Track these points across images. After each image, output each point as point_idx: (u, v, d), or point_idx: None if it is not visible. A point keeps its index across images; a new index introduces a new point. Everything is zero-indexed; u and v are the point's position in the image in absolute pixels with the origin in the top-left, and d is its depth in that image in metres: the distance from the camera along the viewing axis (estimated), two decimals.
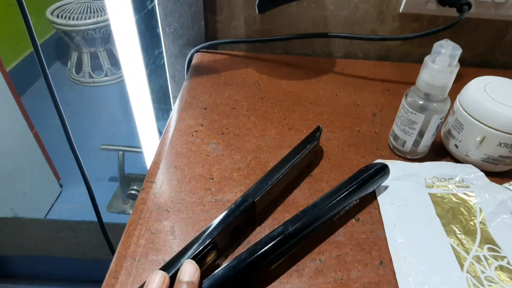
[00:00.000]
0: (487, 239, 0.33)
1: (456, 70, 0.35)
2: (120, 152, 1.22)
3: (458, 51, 0.34)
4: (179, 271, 0.27)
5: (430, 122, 0.37)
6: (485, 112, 0.37)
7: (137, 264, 0.31)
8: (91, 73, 1.84)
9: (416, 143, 0.40)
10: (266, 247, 0.29)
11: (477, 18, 0.55)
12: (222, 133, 0.43)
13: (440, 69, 0.34)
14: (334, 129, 0.45)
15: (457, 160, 0.41)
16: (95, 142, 1.52)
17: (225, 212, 0.31)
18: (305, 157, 0.38)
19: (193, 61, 0.56)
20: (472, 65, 0.61)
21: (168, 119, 0.46)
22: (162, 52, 0.57)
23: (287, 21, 0.57)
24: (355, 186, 0.34)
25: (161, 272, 0.27)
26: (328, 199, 0.32)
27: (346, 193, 0.33)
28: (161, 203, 0.35)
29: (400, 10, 0.55)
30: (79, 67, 1.85)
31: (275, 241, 0.29)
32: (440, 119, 0.38)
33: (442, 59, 0.34)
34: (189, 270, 0.27)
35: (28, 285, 1.14)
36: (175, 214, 0.34)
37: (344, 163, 0.40)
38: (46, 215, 1.29)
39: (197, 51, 0.58)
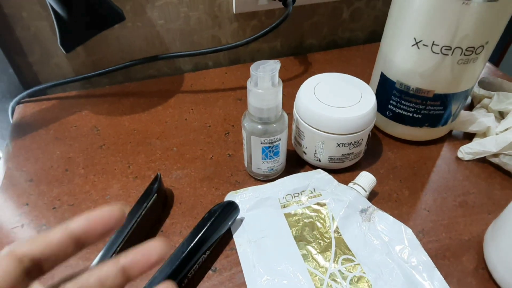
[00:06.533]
0: (342, 248, 0.33)
1: (280, 88, 0.33)
2: None
3: (277, 67, 0.32)
4: None
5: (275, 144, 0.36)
6: (317, 118, 0.36)
7: None
8: None
9: None
10: None
11: (310, 4, 0.55)
12: (54, 208, 0.37)
13: (264, 92, 0.32)
14: (185, 163, 0.41)
15: (312, 165, 0.41)
16: None
17: None
18: (147, 216, 0.33)
19: (15, 117, 0.47)
20: (321, 49, 0.61)
21: None
22: None
23: (116, 46, 0.51)
24: (199, 242, 0.31)
25: None
26: (167, 269, 0.29)
27: (188, 254, 0.30)
28: None
29: (234, 12, 0.52)
30: None
31: None
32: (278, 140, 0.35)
33: (263, 81, 0.32)
34: None
35: None
36: None
37: (197, 204, 0.37)
38: None
39: (18, 103, 0.49)
